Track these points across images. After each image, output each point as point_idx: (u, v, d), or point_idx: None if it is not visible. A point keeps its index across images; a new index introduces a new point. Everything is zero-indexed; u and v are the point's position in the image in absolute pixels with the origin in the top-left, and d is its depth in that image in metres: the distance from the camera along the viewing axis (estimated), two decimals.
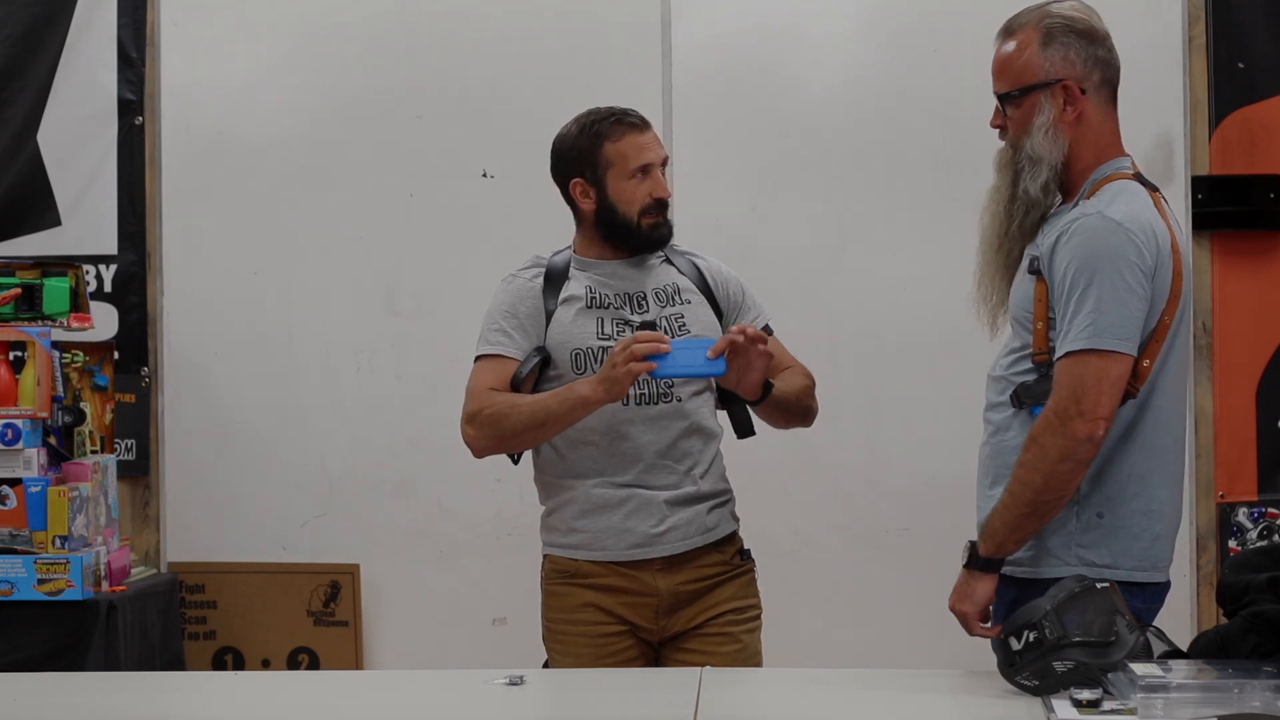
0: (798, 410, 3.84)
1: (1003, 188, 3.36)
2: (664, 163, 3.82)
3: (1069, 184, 3.34)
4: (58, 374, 4.71)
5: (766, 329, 3.85)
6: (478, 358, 3.80)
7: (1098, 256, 3.17)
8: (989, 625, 3.23)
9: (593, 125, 3.79)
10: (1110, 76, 3.35)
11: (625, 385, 3.57)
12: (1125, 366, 3.17)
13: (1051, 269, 3.23)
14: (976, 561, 3.25)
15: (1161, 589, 3.31)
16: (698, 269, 3.88)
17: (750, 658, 3.80)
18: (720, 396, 3.83)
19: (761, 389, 3.68)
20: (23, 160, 5.26)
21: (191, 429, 5.27)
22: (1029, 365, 3.28)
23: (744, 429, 3.82)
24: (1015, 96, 3.32)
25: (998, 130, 3.39)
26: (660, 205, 3.79)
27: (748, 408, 3.80)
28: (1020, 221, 3.34)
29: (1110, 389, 3.15)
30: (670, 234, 3.84)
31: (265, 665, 5.20)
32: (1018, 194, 3.33)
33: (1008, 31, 3.36)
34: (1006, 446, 3.29)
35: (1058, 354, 3.20)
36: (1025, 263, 3.32)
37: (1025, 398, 3.26)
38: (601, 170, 3.78)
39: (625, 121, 3.79)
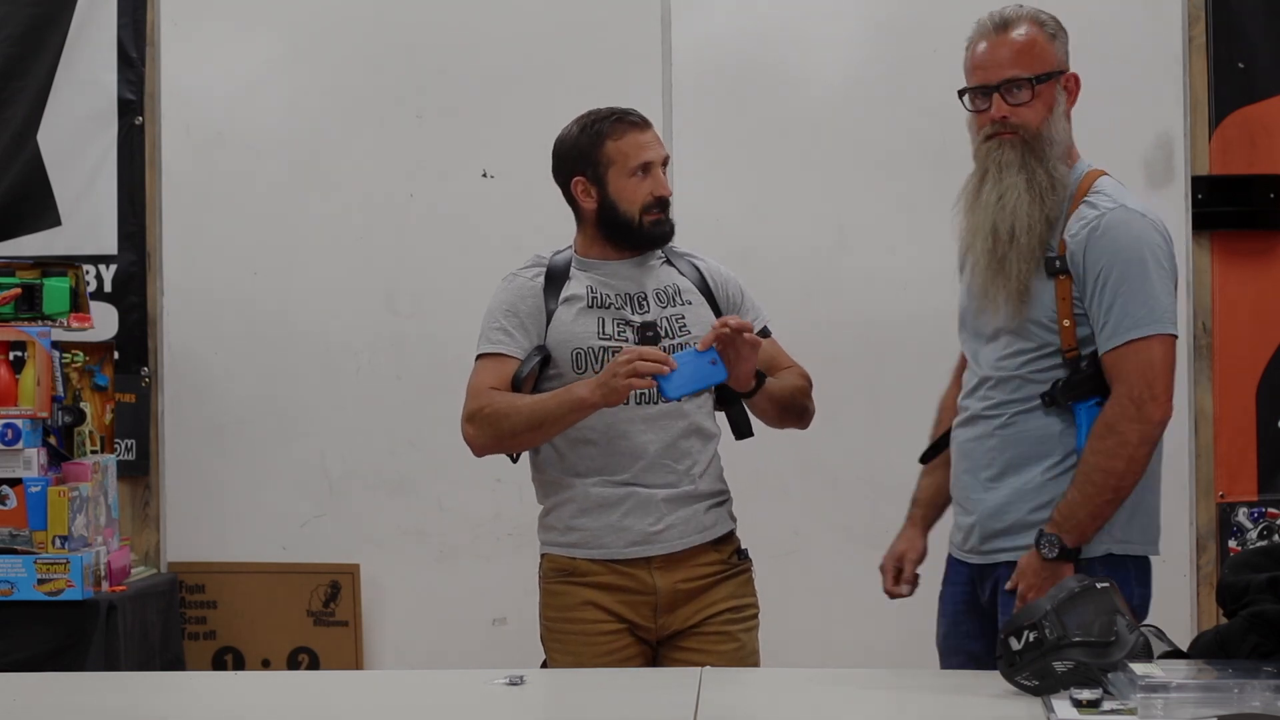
0: (793, 408, 3.84)
1: (1020, 180, 3.36)
2: (665, 162, 3.83)
3: None
4: (58, 374, 4.70)
5: (765, 331, 3.86)
6: (478, 356, 3.80)
7: (1140, 246, 3.29)
8: None
9: (594, 124, 3.80)
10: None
11: (622, 395, 3.60)
12: (1175, 347, 3.33)
13: (1085, 265, 3.28)
14: (1068, 554, 3.35)
15: (1149, 565, 3.45)
16: (698, 270, 3.89)
17: (748, 657, 3.80)
18: (718, 397, 3.84)
19: (753, 381, 3.68)
20: (23, 160, 5.26)
21: (191, 429, 5.26)
22: (1054, 363, 3.34)
23: (742, 430, 3.83)
24: (1043, 79, 3.35)
25: (991, 122, 3.38)
26: (661, 203, 3.80)
27: (745, 408, 3.80)
28: (1051, 205, 3.35)
29: (1171, 370, 3.31)
30: (672, 231, 3.84)
31: (265, 665, 5.20)
32: (1039, 179, 3.34)
33: (1006, 24, 3.37)
34: (1025, 438, 3.37)
35: (1113, 343, 3.28)
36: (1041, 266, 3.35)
37: (1064, 394, 3.31)
38: (603, 168, 3.78)
39: (626, 120, 3.80)
